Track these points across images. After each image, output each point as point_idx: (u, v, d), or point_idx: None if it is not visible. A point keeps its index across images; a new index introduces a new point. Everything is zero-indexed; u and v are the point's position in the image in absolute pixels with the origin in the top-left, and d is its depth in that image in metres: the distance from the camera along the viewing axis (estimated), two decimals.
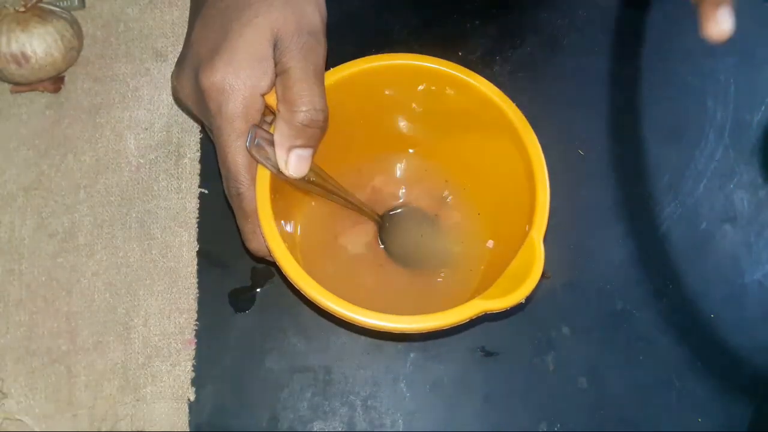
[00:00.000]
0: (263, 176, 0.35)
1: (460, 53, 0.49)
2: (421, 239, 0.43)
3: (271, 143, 0.35)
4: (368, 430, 0.41)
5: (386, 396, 0.41)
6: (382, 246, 0.43)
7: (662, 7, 0.52)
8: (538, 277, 0.33)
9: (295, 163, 0.35)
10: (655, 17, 0.51)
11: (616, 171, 0.47)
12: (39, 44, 0.43)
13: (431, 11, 0.51)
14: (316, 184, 0.37)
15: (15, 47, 0.43)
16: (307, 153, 0.35)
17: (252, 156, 0.35)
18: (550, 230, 0.45)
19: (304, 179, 0.36)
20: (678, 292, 0.44)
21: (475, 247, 0.42)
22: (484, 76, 0.39)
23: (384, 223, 0.43)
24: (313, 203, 0.43)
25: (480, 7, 0.51)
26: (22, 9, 0.44)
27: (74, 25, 0.46)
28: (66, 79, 0.47)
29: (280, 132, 0.35)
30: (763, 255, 0.45)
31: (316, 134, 0.35)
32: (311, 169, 0.36)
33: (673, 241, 0.46)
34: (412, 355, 0.42)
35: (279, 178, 0.36)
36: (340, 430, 0.41)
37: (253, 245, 0.37)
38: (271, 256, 0.35)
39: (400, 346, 0.42)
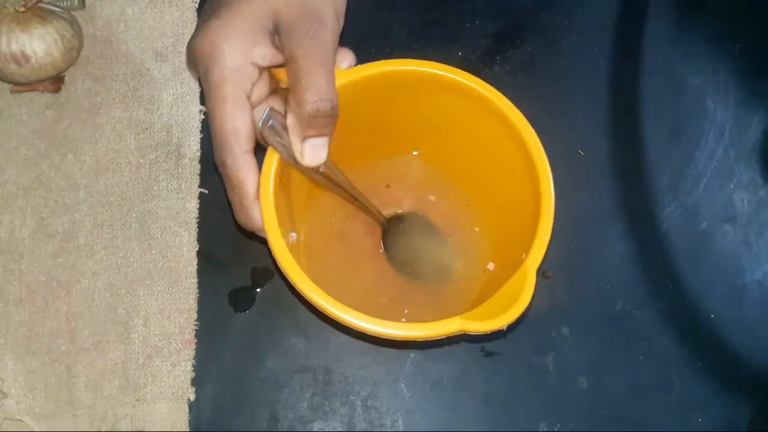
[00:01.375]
0: (270, 161, 0.35)
1: (460, 53, 0.49)
2: (422, 248, 0.43)
3: (286, 128, 0.35)
4: (368, 430, 0.41)
5: (386, 396, 0.41)
6: (384, 249, 0.43)
7: (662, 6, 0.52)
8: (524, 308, 0.33)
9: (310, 152, 0.35)
10: (656, 17, 0.51)
11: (616, 171, 0.47)
12: (39, 44, 0.43)
13: (431, 11, 0.51)
14: (325, 175, 0.37)
15: (15, 47, 0.43)
16: (321, 142, 0.35)
17: (264, 138, 0.35)
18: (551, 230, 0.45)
19: (314, 169, 0.36)
20: (678, 292, 0.44)
21: (476, 266, 0.42)
22: (483, 76, 0.39)
23: (388, 227, 0.43)
24: (321, 197, 0.43)
25: (480, 7, 0.51)
26: (22, 9, 0.44)
27: (74, 25, 0.46)
28: (66, 79, 0.47)
29: (292, 122, 0.34)
30: (763, 255, 0.46)
31: (326, 123, 0.34)
32: (326, 162, 0.36)
33: (673, 241, 0.46)
34: (412, 355, 0.42)
35: (288, 164, 0.36)
36: (340, 430, 0.41)
37: (241, 218, 0.36)
38: (261, 232, 0.35)
39: (400, 345, 0.42)
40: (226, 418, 0.40)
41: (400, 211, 0.44)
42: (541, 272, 0.44)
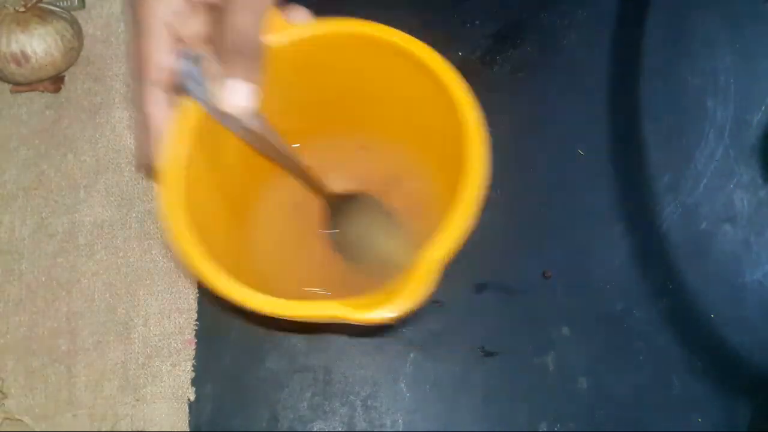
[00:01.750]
0: (185, 116, 0.32)
1: (460, 53, 0.49)
2: (368, 234, 0.40)
3: (210, 74, 0.32)
4: (368, 430, 0.41)
5: (386, 396, 0.41)
6: (327, 229, 0.40)
7: (662, 7, 0.52)
8: (413, 302, 0.28)
9: (228, 94, 0.31)
10: (655, 17, 0.51)
11: (616, 171, 0.47)
12: (39, 44, 0.43)
13: (431, 11, 0.51)
14: (256, 135, 0.33)
15: (15, 47, 0.43)
16: (241, 84, 0.31)
17: (182, 85, 0.32)
18: (551, 230, 0.46)
19: (243, 127, 0.32)
20: (678, 292, 0.44)
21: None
22: (483, 76, 0.39)
23: (335, 205, 0.39)
24: (268, 168, 0.38)
25: (480, 7, 0.51)
26: (22, 9, 0.44)
27: (74, 25, 0.46)
28: (66, 79, 0.47)
29: (215, 60, 0.32)
30: (763, 255, 0.45)
31: (246, 65, 0.31)
32: (255, 116, 0.32)
33: (673, 241, 0.46)
34: (412, 355, 0.42)
35: (214, 118, 0.32)
36: (340, 430, 0.41)
37: (140, 156, 0.33)
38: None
39: (400, 345, 0.42)
40: (226, 418, 0.40)
41: (351, 189, 0.40)
42: (542, 272, 0.44)
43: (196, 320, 0.42)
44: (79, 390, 0.40)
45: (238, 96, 0.31)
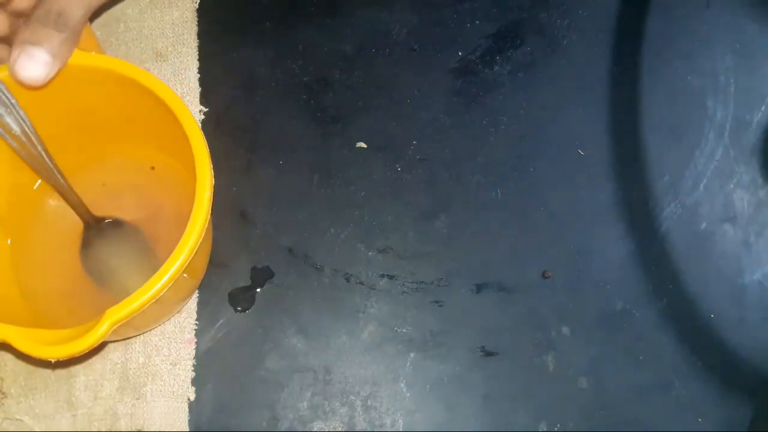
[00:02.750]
0: None
1: (460, 53, 0.49)
2: (118, 263, 0.39)
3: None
4: (368, 430, 0.41)
5: (386, 396, 0.41)
6: (81, 251, 0.39)
7: (662, 6, 0.52)
8: (75, 351, 0.29)
9: (15, 58, 0.30)
10: (655, 17, 0.51)
11: (616, 171, 0.47)
12: None
13: (431, 11, 0.51)
14: (15, 138, 0.32)
15: None
16: (37, 52, 0.30)
17: None
18: (551, 230, 0.46)
19: (6, 120, 0.31)
20: (678, 292, 0.44)
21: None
22: (483, 76, 0.39)
23: (93, 227, 0.39)
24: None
25: (480, 7, 0.51)
26: None
27: None
28: None
29: (23, 27, 0.31)
30: (763, 255, 0.46)
31: (51, 36, 0.30)
32: (22, 119, 0.32)
33: (673, 241, 0.46)
34: (412, 354, 0.42)
35: None
36: (340, 430, 0.41)
37: None
38: None
39: (400, 345, 0.42)
40: (226, 418, 0.40)
41: (112, 215, 0.40)
42: (542, 272, 0.44)
43: (196, 320, 0.42)
44: (79, 390, 0.40)
45: (29, 64, 0.30)
